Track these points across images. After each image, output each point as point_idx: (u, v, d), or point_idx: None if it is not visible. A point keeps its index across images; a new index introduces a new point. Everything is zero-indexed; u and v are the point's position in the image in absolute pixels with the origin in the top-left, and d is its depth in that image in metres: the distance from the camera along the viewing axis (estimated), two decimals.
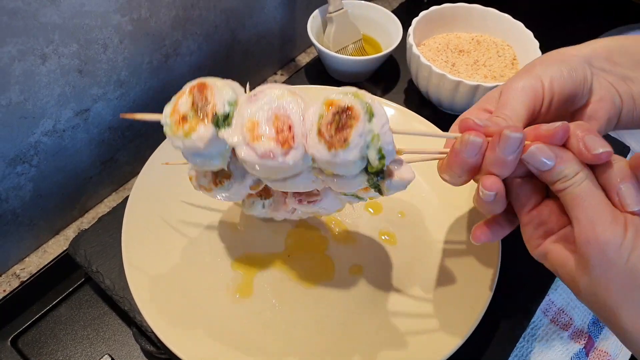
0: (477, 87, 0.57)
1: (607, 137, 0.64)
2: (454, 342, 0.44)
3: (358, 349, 0.44)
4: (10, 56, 0.45)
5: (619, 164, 0.33)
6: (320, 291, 0.48)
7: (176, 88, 0.63)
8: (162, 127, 0.61)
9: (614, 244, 0.30)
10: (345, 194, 0.41)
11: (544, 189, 0.35)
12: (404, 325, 0.46)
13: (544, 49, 0.61)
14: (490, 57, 0.64)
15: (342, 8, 0.67)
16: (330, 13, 0.67)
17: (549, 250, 0.35)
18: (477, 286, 0.47)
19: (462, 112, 0.64)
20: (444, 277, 0.49)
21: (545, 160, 0.33)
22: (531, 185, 0.35)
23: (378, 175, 0.35)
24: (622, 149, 0.63)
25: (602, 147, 0.32)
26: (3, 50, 0.44)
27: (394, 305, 0.47)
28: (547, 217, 0.35)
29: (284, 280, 0.48)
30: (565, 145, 0.34)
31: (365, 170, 0.35)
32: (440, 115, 0.66)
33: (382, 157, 0.34)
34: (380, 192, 0.37)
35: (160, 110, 0.64)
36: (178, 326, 0.44)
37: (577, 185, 0.32)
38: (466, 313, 0.45)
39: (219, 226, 0.52)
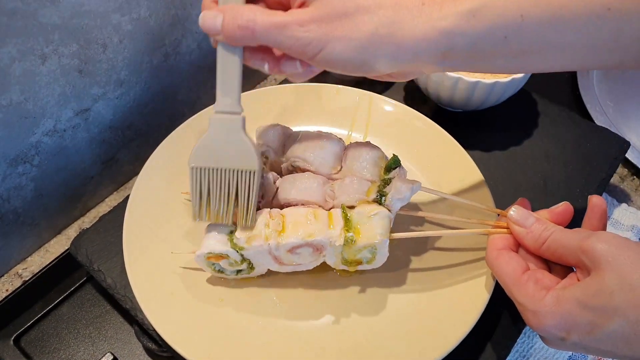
0: (476, 84, 0.57)
1: (608, 133, 0.64)
2: (455, 338, 0.44)
3: (360, 345, 0.45)
4: (10, 56, 0.45)
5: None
6: (321, 288, 0.48)
7: (176, 87, 0.64)
8: (163, 125, 0.63)
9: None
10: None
11: (525, 263, 0.42)
12: (405, 320, 0.46)
13: None
14: None
15: (239, 112, 0.50)
16: None
17: (560, 289, 0.37)
18: (478, 281, 0.47)
19: (461, 108, 0.64)
20: (445, 273, 0.49)
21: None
22: (518, 257, 0.42)
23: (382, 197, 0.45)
24: (622, 144, 0.63)
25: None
26: (3, 51, 0.44)
27: (394, 301, 0.47)
28: (540, 275, 0.40)
29: (284, 277, 0.48)
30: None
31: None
32: (440, 112, 0.66)
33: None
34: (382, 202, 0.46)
35: (160, 109, 0.64)
36: (179, 324, 0.45)
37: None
38: (467, 308, 0.45)
39: None
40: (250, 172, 0.42)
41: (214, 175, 0.43)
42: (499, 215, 0.47)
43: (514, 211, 0.44)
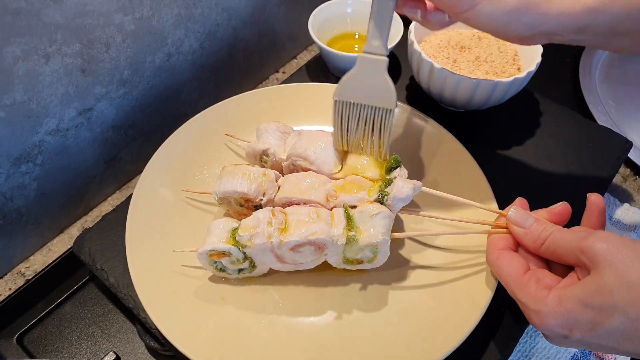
0: (478, 83, 0.57)
1: (611, 133, 0.64)
2: (457, 338, 0.44)
3: (362, 343, 0.45)
4: (13, 56, 0.45)
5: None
6: (323, 287, 0.48)
7: (179, 87, 0.64)
8: (166, 124, 0.62)
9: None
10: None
11: (526, 262, 0.42)
12: (407, 320, 0.46)
13: (545, 45, 0.60)
14: (491, 54, 0.64)
15: (386, 55, 0.46)
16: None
17: (561, 289, 0.37)
18: (480, 281, 0.47)
19: (463, 108, 0.64)
20: (447, 272, 0.49)
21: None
22: (518, 257, 0.43)
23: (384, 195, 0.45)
24: (624, 144, 0.63)
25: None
26: (7, 50, 0.44)
27: (397, 300, 0.47)
28: (541, 274, 0.40)
29: (286, 275, 0.48)
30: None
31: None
32: (442, 112, 0.66)
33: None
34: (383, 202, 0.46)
35: (162, 109, 0.64)
36: (182, 323, 0.45)
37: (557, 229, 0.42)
38: (469, 308, 0.45)
39: None
40: (388, 110, 0.46)
41: (355, 109, 0.47)
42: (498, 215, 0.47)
43: (513, 212, 0.44)
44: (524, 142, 0.63)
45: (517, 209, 0.44)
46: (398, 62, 0.72)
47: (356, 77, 0.46)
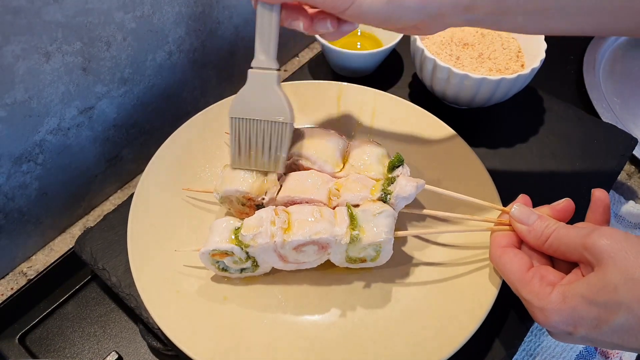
0: (482, 81, 0.56)
1: (615, 130, 0.64)
2: (462, 336, 0.43)
3: (366, 343, 0.44)
4: (14, 55, 0.45)
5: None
6: (326, 286, 0.48)
7: (180, 85, 0.64)
8: (167, 123, 0.61)
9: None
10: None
11: (529, 259, 0.42)
12: (412, 318, 0.46)
13: (549, 41, 0.60)
14: (495, 50, 0.64)
15: (275, 68, 0.45)
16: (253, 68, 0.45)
17: (565, 286, 0.37)
18: (484, 279, 0.47)
19: (467, 105, 0.64)
20: (451, 270, 0.48)
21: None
22: (522, 254, 0.42)
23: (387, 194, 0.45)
24: (629, 141, 0.63)
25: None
26: (7, 49, 0.44)
27: (401, 298, 0.47)
28: (544, 271, 0.40)
29: (288, 274, 0.48)
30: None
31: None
32: (445, 109, 0.65)
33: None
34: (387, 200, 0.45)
35: (164, 107, 0.64)
36: (184, 323, 0.44)
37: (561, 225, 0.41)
38: (474, 306, 0.45)
39: None
40: (283, 124, 0.46)
41: (251, 125, 0.46)
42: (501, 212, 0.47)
43: (516, 209, 0.44)
44: (527, 139, 0.63)
45: (520, 206, 0.44)
46: (400, 59, 0.72)
47: (248, 93, 0.46)
